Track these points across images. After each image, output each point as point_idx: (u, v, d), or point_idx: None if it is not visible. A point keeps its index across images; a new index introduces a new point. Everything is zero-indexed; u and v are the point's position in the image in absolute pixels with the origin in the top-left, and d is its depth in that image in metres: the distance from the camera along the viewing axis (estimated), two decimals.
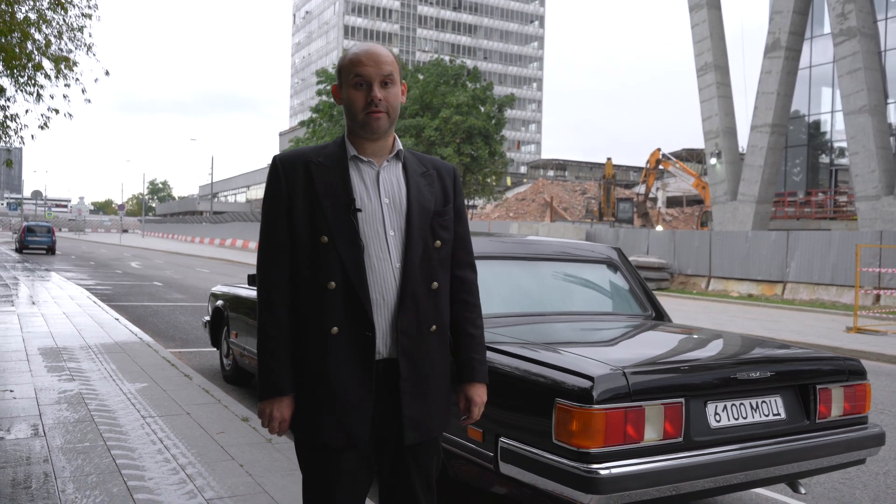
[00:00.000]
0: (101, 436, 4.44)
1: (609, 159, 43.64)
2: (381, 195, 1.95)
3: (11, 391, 5.55)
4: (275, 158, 1.99)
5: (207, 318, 7.35)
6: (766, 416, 3.16)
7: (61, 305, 11.77)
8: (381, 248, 1.92)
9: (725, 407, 3.05)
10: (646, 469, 2.75)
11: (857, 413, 3.47)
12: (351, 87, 1.93)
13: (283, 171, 1.96)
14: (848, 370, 3.48)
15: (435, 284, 1.98)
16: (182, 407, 5.23)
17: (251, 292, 6.28)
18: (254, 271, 7.14)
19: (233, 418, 4.98)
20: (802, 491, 3.44)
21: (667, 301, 18.03)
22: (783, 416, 3.21)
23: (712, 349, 3.63)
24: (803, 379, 3.31)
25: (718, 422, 3.01)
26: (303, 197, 1.93)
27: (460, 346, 2.09)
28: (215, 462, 4.01)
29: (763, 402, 3.17)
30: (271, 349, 1.95)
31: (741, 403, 3.10)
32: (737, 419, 3.06)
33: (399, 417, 1.92)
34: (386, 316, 1.92)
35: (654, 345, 3.68)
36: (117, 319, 10.14)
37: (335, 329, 1.90)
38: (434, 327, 1.98)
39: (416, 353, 1.94)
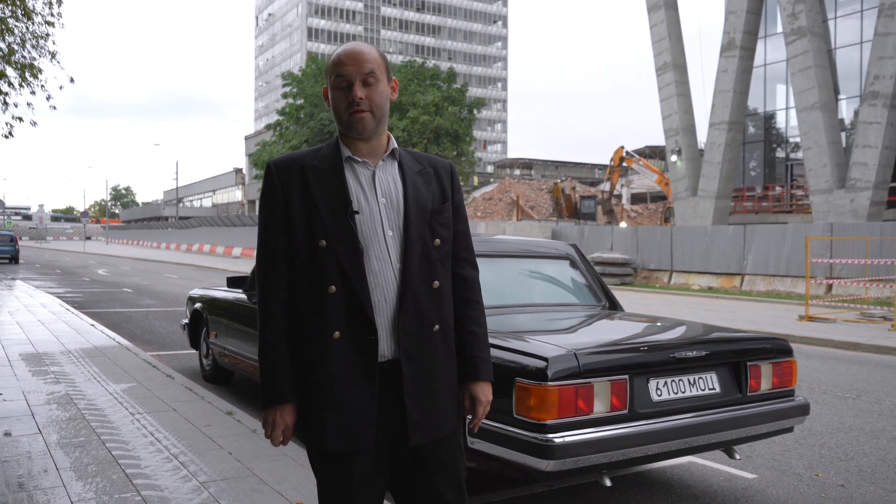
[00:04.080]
0: (94, 431, 4.71)
1: (556, 184, 44.52)
2: (378, 195, 1.93)
3: (1, 394, 5.76)
4: (269, 164, 1.98)
5: (186, 320, 7.61)
6: (703, 390, 3.57)
7: (35, 313, 11.87)
8: (381, 249, 1.90)
9: (666, 383, 3.45)
10: (595, 437, 3.13)
11: (784, 386, 3.90)
12: (334, 89, 1.92)
13: (279, 176, 1.94)
14: (776, 349, 3.91)
15: (436, 284, 1.96)
16: (168, 404, 5.51)
17: (228, 294, 6.56)
18: (232, 275, 7.39)
19: (217, 412, 5.28)
20: (737, 457, 3.85)
21: (631, 295, 18.60)
22: (718, 389, 3.62)
23: (655, 333, 4.04)
24: (735, 357, 3.73)
25: (660, 396, 3.41)
26: (299, 201, 1.92)
27: (464, 344, 2.05)
28: (205, 451, 4.31)
29: (699, 378, 3.58)
30: (272, 356, 1.94)
31: (680, 379, 3.51)
32: (676, 393, 3.47)
33: (404, 419, 1.90)
34: (388, 317, 1.90)
35: (604, 331, 4.08)
36: (93, 325, 10.31)
37: (337, 333, 1.88)
38: (437, 327, 1.96)
39: (418, 354, 1.92)
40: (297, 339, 1.94)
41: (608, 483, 3.30)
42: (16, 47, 11.36)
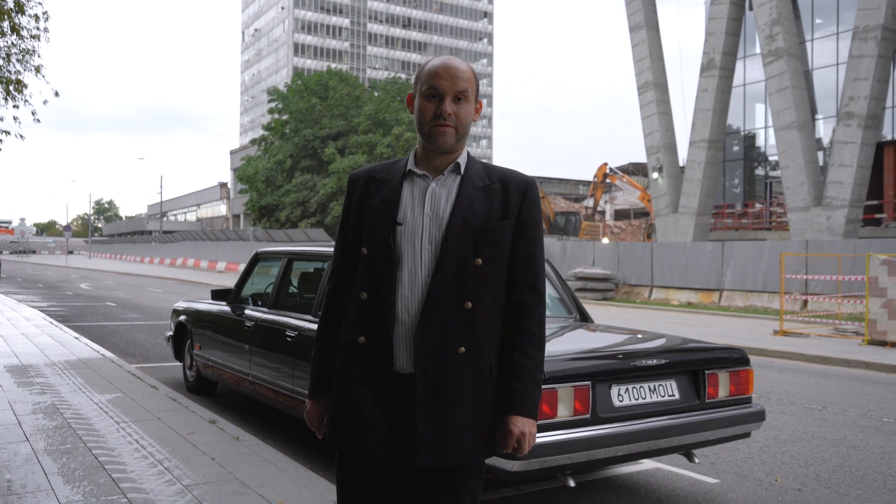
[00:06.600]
0: (80, 439, 4.84)
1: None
2: (426, 209, 1.93)
3: None
4: (350, 175, 2.09)
5: (170, 332, 7.73)
6: (663, 396, 3.79)
7: (18, 327, 11.92)
8: (415, 262, 1.91)
9: (627, 389, 3.66)
10: (559, 440, 3.34)
11: (741, 394, 4.13)
12: (423, 98, 1.93)
13: (349, 187, 2.07)
14: (734, 358, 4.14)
15: (469, 304, 1.89)
16: (152, 413, 5.65)
17: (212, 307, 6.72)
18: (216, 287, 7.56)
19: (201, 421, 5.42)
20: (696, 461, 4.07)
21: (612, 310, 18.85)
22: (677, 396, 3.84)
23: (619, 343, 4.26)
24: (694, 366, 3.95)
25: (621, 401, 3.62)
26: (357, 211, 2.01)
27: (503, 373, 1.97)
28: (189, 457, 4.47)
29: (660, 385, 3.80)
30: (314, 355, 2.10)
31: (641, 386, 3.72)
32: (637, 399, 3.68)
33: (415, 437, 1.88)
34: (408, 331, 1.90)
35: (571, 341, 4.29)
36: (77, 338, 10.38)
37: (362, 339, 1.93)
38: (463, 349, 1.89)
39: (437, 374, 1.88)
40: (339, 342, 2.04)
41: (572, 484, 3.50)
42: (1, 62, 11.50)
